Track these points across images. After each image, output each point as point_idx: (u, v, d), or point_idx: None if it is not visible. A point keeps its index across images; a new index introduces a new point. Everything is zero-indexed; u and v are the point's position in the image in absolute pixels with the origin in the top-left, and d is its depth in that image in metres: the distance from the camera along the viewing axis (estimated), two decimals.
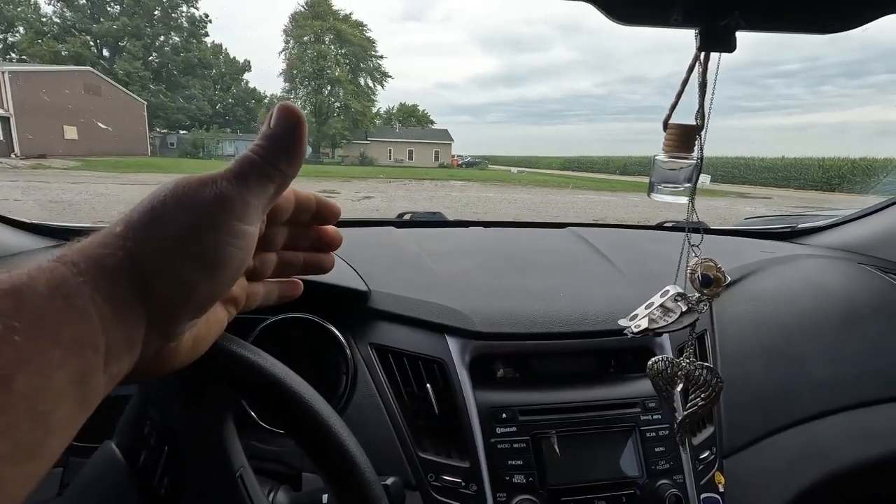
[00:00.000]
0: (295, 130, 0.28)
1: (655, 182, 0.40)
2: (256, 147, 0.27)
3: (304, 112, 0.29)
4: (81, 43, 19.10)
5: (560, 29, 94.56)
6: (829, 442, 0.75)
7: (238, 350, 0.36)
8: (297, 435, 0.37)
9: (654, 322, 0.40)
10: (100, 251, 0.23)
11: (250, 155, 0.27)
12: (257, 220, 0.28)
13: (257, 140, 0.28)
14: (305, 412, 0.36)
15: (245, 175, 0.26)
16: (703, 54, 0.36)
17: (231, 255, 0.26)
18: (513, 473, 0.59)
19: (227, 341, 0.35)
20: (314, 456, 0.37)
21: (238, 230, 0.26)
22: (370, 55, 27.94)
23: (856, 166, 13.97)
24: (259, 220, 0.28)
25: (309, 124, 0.32)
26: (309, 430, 0.37)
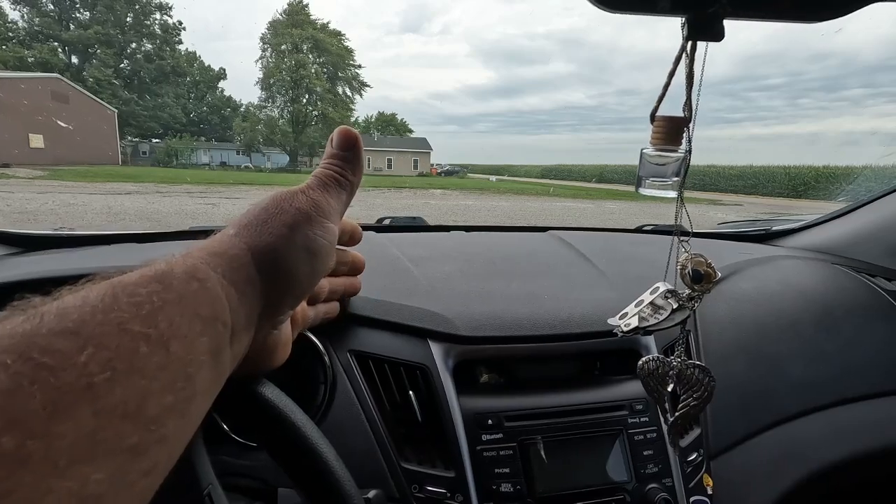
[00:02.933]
0: (354, 147, 0.36)
1: (643, 176, 0.39)
2: (328, 163, 0.35)
3: (281, 121, 0.33)
4: (49, 49, 18.58)
5: (561, 43, 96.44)
6: (810, 441, 0.75)
7: None
8: (272, 447, 0.35)
9: (645, 320, 0.39)
10: (222, 247, 0.27)
11: (326, 170, 0.34)
12: (338, 220, 0.34)
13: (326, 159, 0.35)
14: (280, 423, 0.34)
15: (326, 185, 0.33)
16: (690, 44, 0.35)
17: (324, 248, 0.32)
18: (500, 482, 0.57)
19: None
20: (290, 470, 0.35)
21: (327, 227, 0.32)
22: (348, 64, 27.93)
23: (819, 174, 14.53)
24: (339, 221, 0.34)
25: (286, 133, 0.40)
26: (284, 443, 0.34)
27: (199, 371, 0.23)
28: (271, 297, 0.29)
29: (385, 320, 0.66)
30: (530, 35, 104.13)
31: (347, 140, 0.35)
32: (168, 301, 0.22)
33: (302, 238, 0.30)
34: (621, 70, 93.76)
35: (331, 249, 0.33)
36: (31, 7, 18.87)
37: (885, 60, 27.94)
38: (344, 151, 0.35)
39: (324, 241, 0.32)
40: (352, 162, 0.35)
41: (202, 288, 0.24)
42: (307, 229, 0.31)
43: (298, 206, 0.31)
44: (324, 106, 25.65)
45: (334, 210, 0.33)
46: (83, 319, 0.19)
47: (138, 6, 20.61)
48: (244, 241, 0.28)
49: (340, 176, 0.34)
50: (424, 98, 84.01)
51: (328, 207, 0.32)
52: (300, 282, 0.31)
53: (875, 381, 0.82)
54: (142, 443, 0.19)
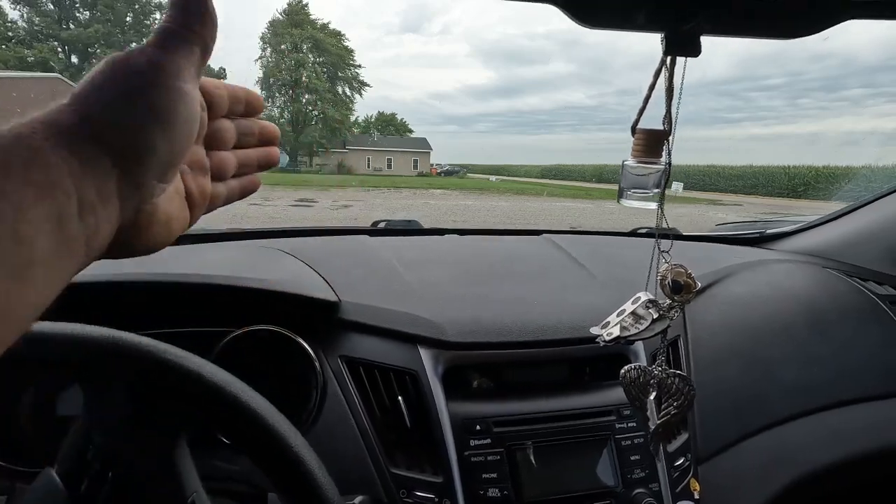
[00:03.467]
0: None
1: (625, 188, 0.40)
2: (168, 17, 0.30)
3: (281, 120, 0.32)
4: (49, 49, 18.57)
5: (561, 44, 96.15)
6: (800, 444, 0.76)
7: (186, 365, 0.34)
8: (255, 455, 0.35)
9: (626, 330, 0.40)
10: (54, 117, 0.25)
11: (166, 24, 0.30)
12: (192, 81, 0.31)
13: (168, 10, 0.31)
14: (263, 431, 0.34)
15: (167, 41, 0.29)
16: (669, 59, 0.35)
17: (177, 111, 0.29)
18: (487, 487, 0.58)
19: (175, 356, 0.33)
20: (273, 477, 0.35)
21: (177, 87, 0.29)
22: (348, 64, 27.92)
23: (819, 174, 14.52)
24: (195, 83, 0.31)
25: (286, 133, 0.36)
26: (267, 450, 0.35)
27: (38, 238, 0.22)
28: (126, 170, 0.27)
29: (375, 326, 0.66)
30: (530, 35, 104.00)
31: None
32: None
33: (145, 103, 0.28)
34: (621, 70, 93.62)
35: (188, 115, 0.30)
36: (31, 7, 18.87)
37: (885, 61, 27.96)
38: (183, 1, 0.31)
39: (174, 104, 0.29)
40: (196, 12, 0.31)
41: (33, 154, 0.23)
42: (149, 93, 0.28)
43: (136, 69, 0.28)
44: (324, 106, 25.65)
45: (184, 68, 0.30)
46: None
47: (138, 6, 20.62)
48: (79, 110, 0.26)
49: (185, 29, 0.30)
50: (424, 98, 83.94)
51: (174, 67, 0.29)
52: (156, 152, 0.29)
53: (866, 384, 0.83)
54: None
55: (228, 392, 0.34)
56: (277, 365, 0.64)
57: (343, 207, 8.91)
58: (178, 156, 0.31)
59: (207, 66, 0.36)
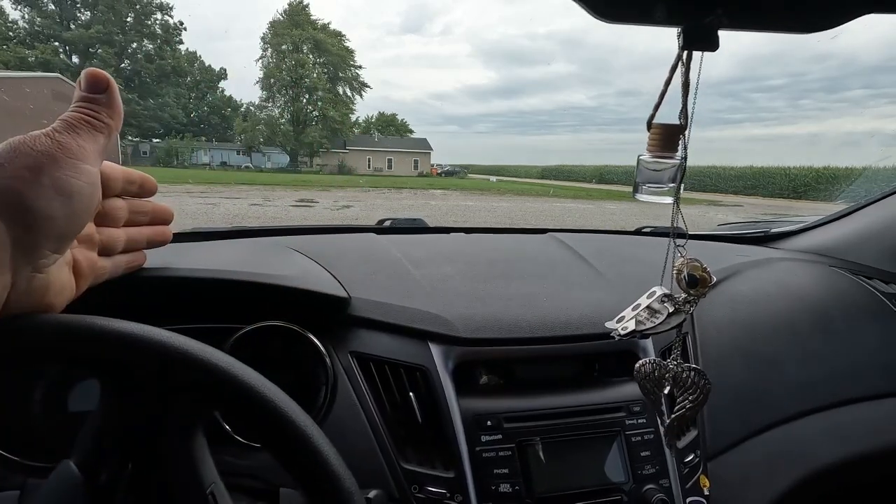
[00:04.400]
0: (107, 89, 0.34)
1: (640, 182, 0.40)
2: (77, 107, 0.33)
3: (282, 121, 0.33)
4: (50, 49, 18.58)
5: (562, 44, 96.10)
6: (806, 442, 0.76)
7: (209, 358, 0.34)
8: (274, 447, 0.35)
9: (641, 324, 0.40)
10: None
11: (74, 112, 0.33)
12: (95, 163, 0.33)
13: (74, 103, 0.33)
14: (282, 423, 0.35)
15: (74, 127, 0.32)
16: (686, 53, 0.36)
17: (79, 189, 0.31)
18: (498, 483, 0.58)
19: (198, 350, 0.33)
20: (292, 469, 0.35)
21: (80, 168, 0.31)
22: (349, 64, 27.93)
23: (820, 175, 14.52)
24: (97, 162, 0.33)
25: (287, 133, 0.38)
26: (286, 443, 0.35)
27: None
28: (21, 240, 0.29)
29: (386, 322, 0.67)
30: (531, 35, 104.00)
31: (97, 81, 0.34)
32: None
33: (49, 179, 0.30)
34: (622, 71, 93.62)
35: (90, 191, 0.32)
36: (33, 7, 18.89)
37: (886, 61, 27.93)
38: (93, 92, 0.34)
39: (78, 181, 0.31)
40: (105, 104, 0.34)
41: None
42: (55, 171, 0.30)
43: (41, 149, 0.30)
44: (324, 106, 25.65)
45: (89, 152, 0.32)
46: None
47: (139, 6, 20.62)
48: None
49: (92, 118, 0.33)
50: (425, 98, 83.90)
51: (79, 149, 0.31)
52: (51, 225, 0.30)
53: (872, 383, 0.83)
54: None
55: (249, 385, 0.34)
56: (288, 361, 0.64)
57: (344, 208, 8.91)
58: (75, 229, 0.33)
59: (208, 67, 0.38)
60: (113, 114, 0.34)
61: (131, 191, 0.40)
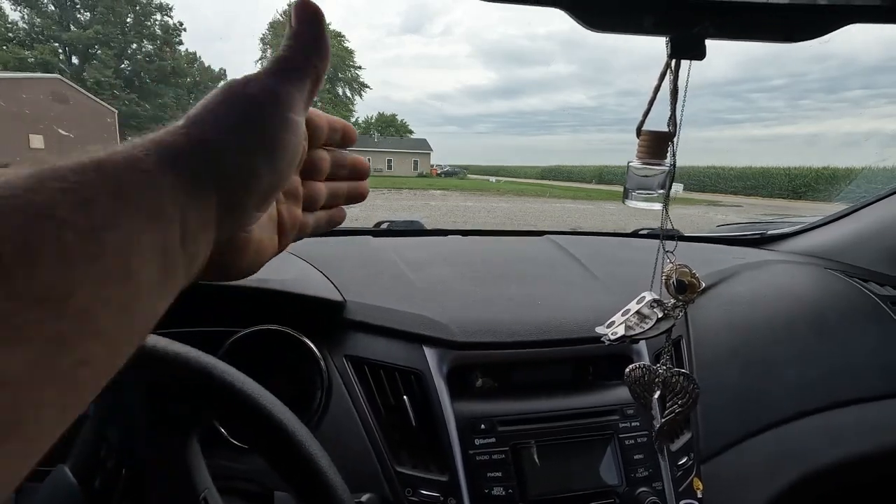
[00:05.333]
0: (315, 24, 0.31)
1: (630, 188, 0.41)
2: (286, 46, 0.30)
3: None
4: (50, 50, 18.59)
5: (562, 44, 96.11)
6: (802, 444, 0.76)
7: (204, 365, 0.34)
8: (267, 453, 0.36)
9: (631, 329, 0.40)
10: (166, 138, 0.25)
11: (283, 53, 0.30)
12: (302, 112, 0.31)
13: (285, 41, 0.31)
14: (275, 430, 0.35)
15: (283, 71, 0.29)
16: (675, 62, 0.36)
17: (285, 142, 0.29)
18: (492, 486, 0.58)
19: (193, 356, 0.34)
20: (285, 474, 0.36)
21: (287, 118, 0.29)
22: (348, 65, 27.94)
23: (820, 175, 14.51)
24: (304, 112, 0.31)
25: None
26: (279, 448, 0.35)
27: (143, 268, 0.22)
28: (228, 196, 0.27)
29: (381, 326, 0.67)
30: (531, 36, 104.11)
31: (307, 14, 0.30)
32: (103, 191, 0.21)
33: (255, 131, 0.28)
34: (622, 71, 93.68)
35: (294, 145, 0.30)
36: (32, 8, 18.89)
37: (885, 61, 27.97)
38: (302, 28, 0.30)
39: (283, 133, 0.29)
40: (312, 41, 0.30)
41: (145, 179, 0.23)
42: (261, 120, 0.28)
43: (251, 94, 0.28)
44: (323, 107, 25.67)
45: (296, 99, 0.30)
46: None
47: (139, 7, 20.63)
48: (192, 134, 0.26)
49: (301, 59, 0.30)
50: (425, 99, 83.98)
51: (287, 97, 0.29)
52: (260, 179, 0.28)
53: (867, 384, 0.83)
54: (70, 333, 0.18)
55: (242, 390, 0.34)
56: (283, 364, 0.64)
57: None
58: (279, 185, 0.30)
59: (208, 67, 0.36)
60: (321, 54, 0.31)
61: (335, 140, 0.37)
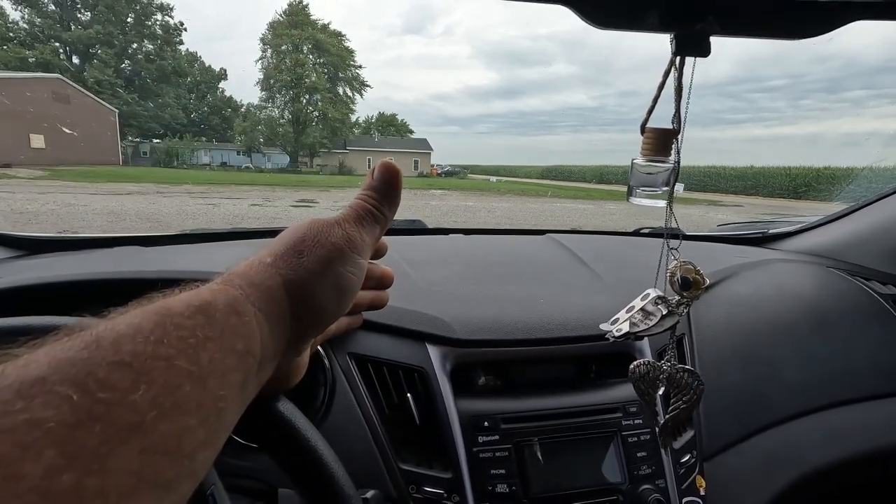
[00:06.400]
0: (393, 183, 0.35)
1: (634, 186, 0.41)
2: (367, 196, 0.34)
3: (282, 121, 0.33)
4: (50, 50, 18.60)
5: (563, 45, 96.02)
6: (803, 443, 0.76)
7: None
8: (272, 450, 0.36)
9: (635, 326, 0.40)
10: (259, 278, 0.28)
11: (363, 203, 0.34)
12: (368, 255, 0.34)
13: (365, 190, 0.35)
14: (281, 426, 0.35)
15: (362, 218, 0.33)
16: (679, 59, 0.36)
17: (353, 284, 0.32)
18: (495, 483, 0.58)
19: None
20: (290, 471, 0.36)
21: (358, 262, 0.32)
22: (349, 64, 27.92)
23: (820, 175, 14.49)
24: (369, 255, 0.34)
25: (286, 133, 0.38)
26: (284, 445, 0.35)
27: (229, 405, 0.23)
28: (298, 330, 0.30)
29: (384, 324, 0.67)
30: (532, 36, 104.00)
31: (389, 174, 0.35)
32: (210, 337, 0.23)
33: (334, 274, 0.30)
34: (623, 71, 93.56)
35: (358, 284, 0.33)
36: (33, 8, 18.90)
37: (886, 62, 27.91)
38: (384, 185, 0.35)
39: (353, 277, 0.32)
40: (389, 197, 0.35)
41: (241, 323, 0.25)
42: (339, 266, 0.31)
43: (334, 241, 0.31)
44: (324, 106, 25.66)
45: (366, 245, 0.33)
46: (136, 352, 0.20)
47: (139, 7, 20.62)
48: (279, 273, 0.29)
49: (377, 211, 0.34)
50: (425, 99, 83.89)
51: (361, 243, 0.32)
52: (327, 315, 0.31)
53: (869, 384, 0.83)
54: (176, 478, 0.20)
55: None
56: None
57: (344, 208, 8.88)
58: (338, 318, 0.33)
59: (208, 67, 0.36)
60: (392, 207, 0.35)
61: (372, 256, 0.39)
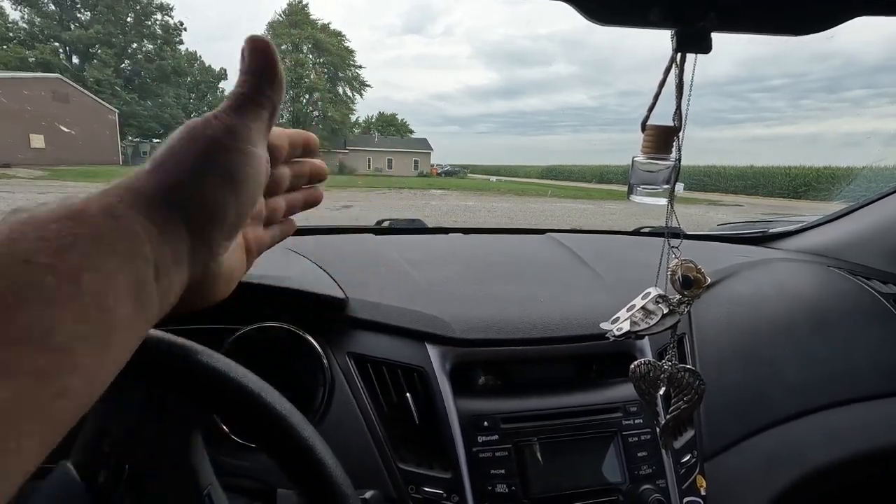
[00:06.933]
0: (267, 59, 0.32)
1: (634, 184, 0.40)
2: (242, 81, 0.32)
3: (282, 120, 0.32)
4: (50, 50, 18.59)
5: (564, 45, 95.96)
6: (804, 443, 0.76)
7: (208, 361, 0.34)
8: (271, 450, 0.35)
9: (636, 324, 0.40)
10: (136, 184, 0.27)
11: (239, 89, 0.31)
12: (261, 143, 0.32)
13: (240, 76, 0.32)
14: (279, 425, 0.35)
15: (240, 106, 0.31)
16: (680, 55, 0.36)
17: (248, 175, 0.30)
18: (495, 483, 0.58)
19: (197, 353, 0.34)
20: (289, 471, 0.35)
21: (248, 151, 0.30)
22: (349, 64, 27.89)
23: (820, 175, 14.47)
24: (264, 144, 0.32)
25: None
26: (283, 445, 0.35)
27: (118, 304, 0.23)
28: (198, 232, 0.29)
29: (383, 323, 0.67)
30: (533, 36, 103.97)
31: (258, 50, 0.31)
32: (80, 236, 0.23)
33: (218, 169, 0.29)
34: (623, 71, 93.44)
35: (257, 176, 0.31)
36: (33, 7, 18.89)
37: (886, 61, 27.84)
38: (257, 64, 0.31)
39: (245, 167, 0.30)
40: (266, 76, 0.32)
41: (118, 225, 0.25)
42: (222, 158, 0.29)
43: (210, 135, 0.29)
44: (324, 106, 25.64)
45: (255, 131, 0.31)
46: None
47: (139, 6, 20.61)
48: (158, 177, 0.28)
49: (257, 93, 0.31)
50: (426, 99, 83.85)
51: (246, 131, 0.30)
52: (227, 213, 0.30)
53: (870, 383, 0.83)
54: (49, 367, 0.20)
55: (245, 386, 0.34)
56: (286, 362, 0.64)
57: (344, 208, 8.90)
58: (245, 215, 0.32)
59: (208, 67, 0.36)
60: (276, 87, 0.32)
61: (296, 154, 0.39)
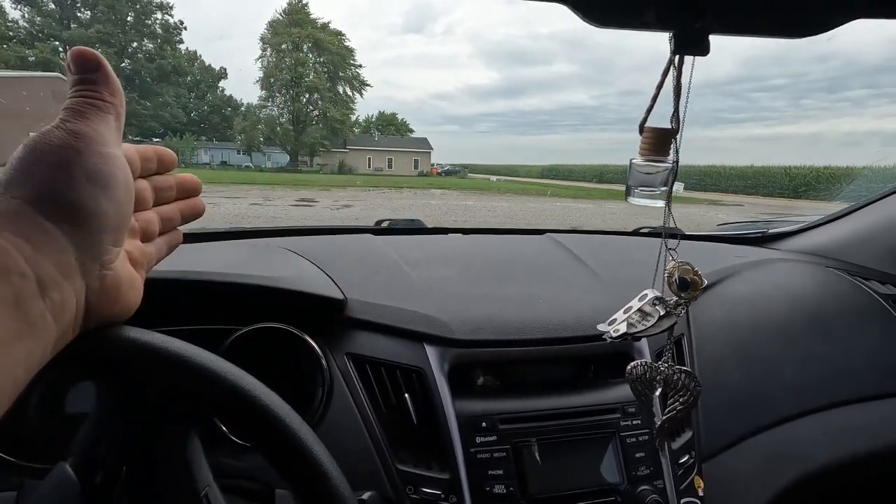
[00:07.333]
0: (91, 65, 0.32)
1: (632, 185, 0.40)
2: (76, 90, 0.31)
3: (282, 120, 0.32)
4: (50, 49, 18.59)
5: (564, 44, 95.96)
6: (802, 443, 0.76)
7: (204, 363, 0.34)
8: (267, 451, 0.35)
9: (633, 326, 0.40)
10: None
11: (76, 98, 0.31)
12: (116, 145, 0.32)
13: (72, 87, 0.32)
14: (276, 427, 0.35)
15: (82, 112, 0.30)
16: (678, 58, 0.36)
17: (112, 174, 0.30)
18: (493, 484, 0.58)
19: (192, 354, 0.34)
20: (285, 472, 0.35)
21: (105, 152, 0.30)
22: (349, 63, 27.90)
23: (820, 174, 14.49)
24: (118, 145, 0.32)
25: (287, 132, 0.36)
26: (280, 446, 0.35)
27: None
28: (81, 241, 0.28)
29: (382, 324, 0.67)
30: (533, 36, 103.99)
31: (86, 61, 0.32)
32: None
33: (81, 172, 0.29)
34: (624, 71, 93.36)
35: (120, 175, 0.31)
36: (33, 6, 18.88)
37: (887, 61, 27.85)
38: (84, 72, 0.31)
39: (107, 167, 0.30)
40: (102, 83, 0.32)
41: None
42: (79, 163, 0.29)
43: (59, 143, 0.29)
44: (324, 105, 25.64)
45: (104, 134, 0.31)
46: None
47: (139, 5, 20.62)
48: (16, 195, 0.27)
49: (94, 98, 0.31)
50: (426, 98, 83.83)
51: (96, 134, 0.30)
52: (103, 218, 0.29)
53: (868, 383, 0.83)
54: None
55: (242, 387, 0.34)
56: (284, 362, 0.64)
57: (344, 207, 8.92)
58: (124, 216, 0.32)
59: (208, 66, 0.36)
60: (113, 90, 0.32)
61: (151, 168, 0.38)
